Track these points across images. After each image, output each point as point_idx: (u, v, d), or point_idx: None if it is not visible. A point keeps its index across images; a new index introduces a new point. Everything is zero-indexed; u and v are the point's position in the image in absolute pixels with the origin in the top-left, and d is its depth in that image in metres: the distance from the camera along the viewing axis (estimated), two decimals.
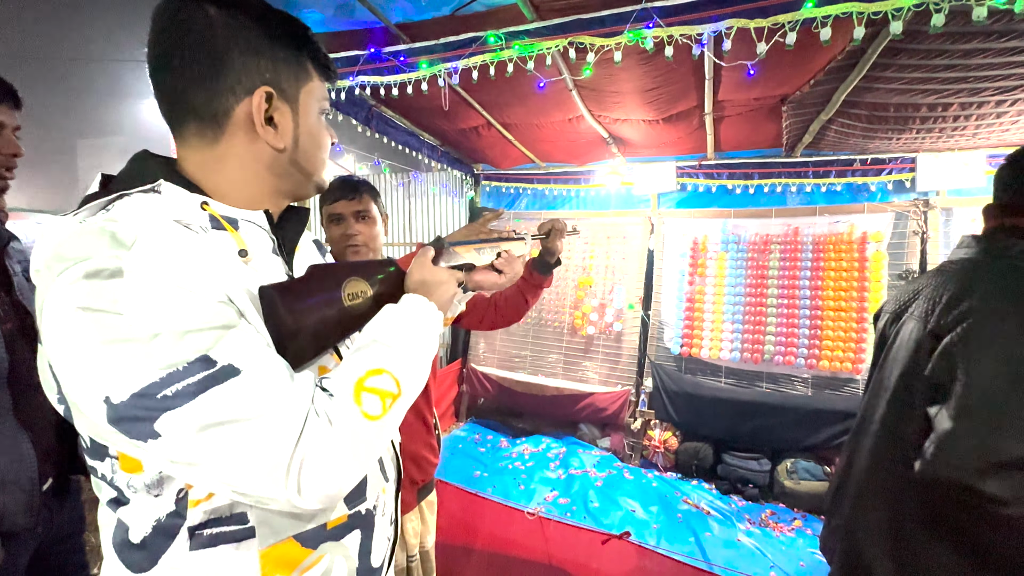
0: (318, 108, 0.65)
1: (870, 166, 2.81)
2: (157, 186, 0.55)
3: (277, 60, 0.59)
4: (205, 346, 0.47)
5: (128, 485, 0.53)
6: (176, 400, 0.45)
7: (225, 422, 0.46)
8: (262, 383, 0.48)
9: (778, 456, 2.82)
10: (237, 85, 0.56)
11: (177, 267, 0.48)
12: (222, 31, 0.55)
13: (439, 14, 1.75)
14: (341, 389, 0.54)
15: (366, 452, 0.54)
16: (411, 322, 0.65)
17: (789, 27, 1.30)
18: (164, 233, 0.50)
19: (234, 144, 0.59)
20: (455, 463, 3.08)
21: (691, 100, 2.23)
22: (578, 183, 3.66)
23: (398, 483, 0.76)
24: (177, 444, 0.46)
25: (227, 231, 0.57)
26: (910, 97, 1.98)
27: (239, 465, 0.47)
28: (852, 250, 2.79)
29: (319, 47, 0.64)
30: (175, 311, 0.46)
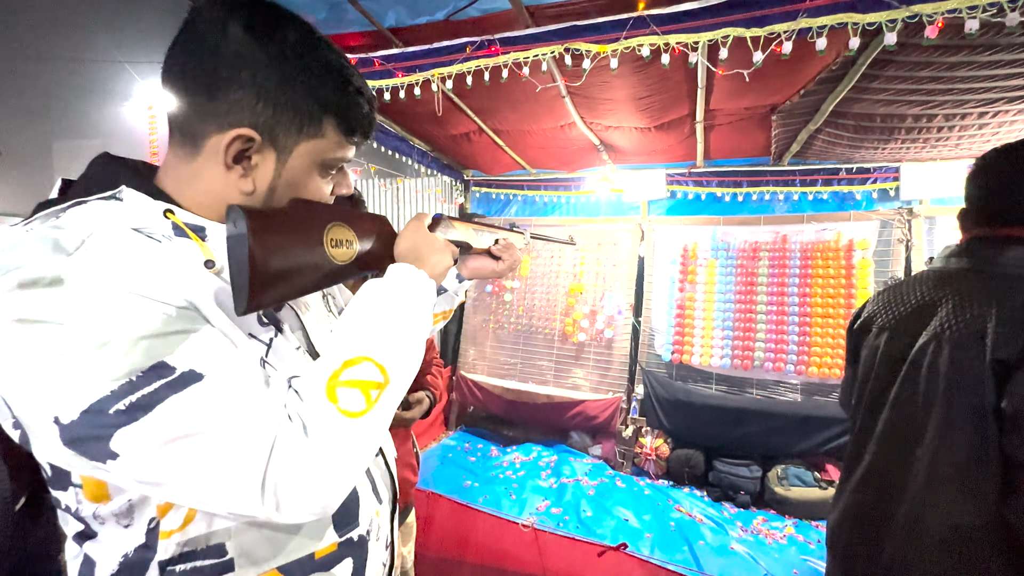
0: (318, 164, 0.58)
1: (855, 175, 2.86)
2: (118, 193, 0.51)
3: (282, 107, 0.53)
4: (161, 352, 0.42)
5: (95, 516, 0.48)
6: (131, 414, 0.41)
7: (187, 435, 0.42)
8: (228, 388, 0.44)
9: (769, 462, 2.83)
10: (223, 116, 0.52)
11: (127, 272, 0.44)
12: (231, 57, 0.51)
13: (433, 19, 1.73)
14: (312, 387, 0.49)
15: (353, 455, 0.49)
16: (398, 296, 0.58)
17: (785, 36, 1.31)
18: (114, 239, 0.46)
19: (208, 168, 0.54)
20: (445, 473, 3.02)
21: (683, 108, 2.24)
22: (568, 189, 3.66)
23: (393, 503, 0.71)
24: (138, 463, 0.42)
25: (192, 240, 0.52)
26: (896, 108, 2.01)
27: (209, 483, 0.43)
28: (839, 257, 2.83)
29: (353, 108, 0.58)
30: (125, 317, 0.42)
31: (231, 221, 0.50)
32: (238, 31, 0.51)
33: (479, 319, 3.83)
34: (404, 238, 0.67)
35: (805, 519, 2.59)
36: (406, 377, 0.56)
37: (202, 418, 0.42)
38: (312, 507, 0.46)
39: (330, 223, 0.59)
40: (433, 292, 0.64)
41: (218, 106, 0.52)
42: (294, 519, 0.46)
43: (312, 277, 0.57)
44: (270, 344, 0.56)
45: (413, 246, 0.66)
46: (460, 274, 0.89)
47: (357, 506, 0.62)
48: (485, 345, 3.79)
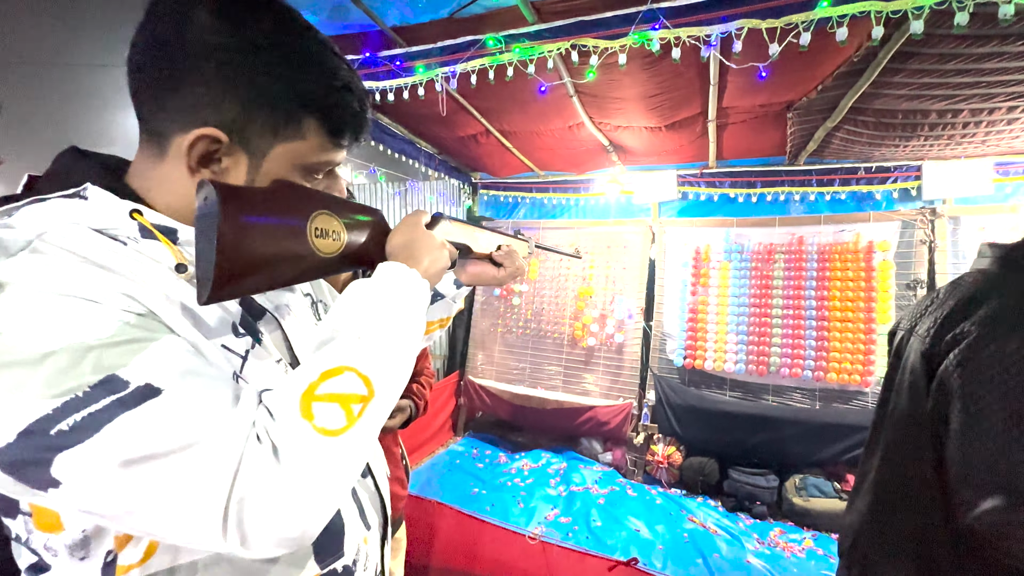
0: (299, 168, 0.53)
1: (875, 174, 2.77)
2: (83, 190, 0.46)
3: (254, 105, 0.48)
4: (114, 364, 0.38)
5: (46, 547, 0.44)
6: (75, 435, 0.36)
7: (140, 459, 0.37)
8: (188, 405, 0.39)
9: (786, 472, 2.74)
10: (187, 114, 0.47)
11: (78, 275, 0.39)
12: (195, 47, 0.46)
13: (436, 17, 1.70)
14: (283, 403, 0.43)
15: (332, 479, 0.43)
16: (388, 297, 0.53)
17: (803, 27, 1.24)
18: (68, 240, 0.41)
19: (176, 170, 0.49)
20: (453, 479, 2.98)
21: (695, 107, 2.18)
22: (577, 192, 3.60)
23: (384, 528, 0.66)
24: (83, 492, 0.37)
25: (160, 242, 0.48)
26: (919, 103, 1.93)
27: (164, 513, 0.38)
28: (858, 259, 2.73)
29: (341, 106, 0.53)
30: (72, 324, 0.37)
31: (201, 196, 0.45)
32: (203, 17, 0.46)
33: (487, 323, 3.78)
34: (398, 234, 0.61)
35: (825, 532, 2.49)
36: (394, 389, 0.51)
37: (157, 439, 0.37)
38: (283, 540, 0.41)
39: (316, 211, 0.53)
40: (427, 294, 0.58)
41: (183, 102, 0.47)
42: (263, 554, 0.41)
43: (290, 269, 0.51)
44: (245, 356, 0.51)
45: (407, 243, 0.60)
46: (459, 279, 0.84)
47: (342, 534, 0.57)
48: (493, 350, 3.74)
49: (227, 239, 0.44)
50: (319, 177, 0.58)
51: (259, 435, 0.41)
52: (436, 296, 0.83)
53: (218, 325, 0.50)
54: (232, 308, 0.53)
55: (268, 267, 0.49)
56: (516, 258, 0.83)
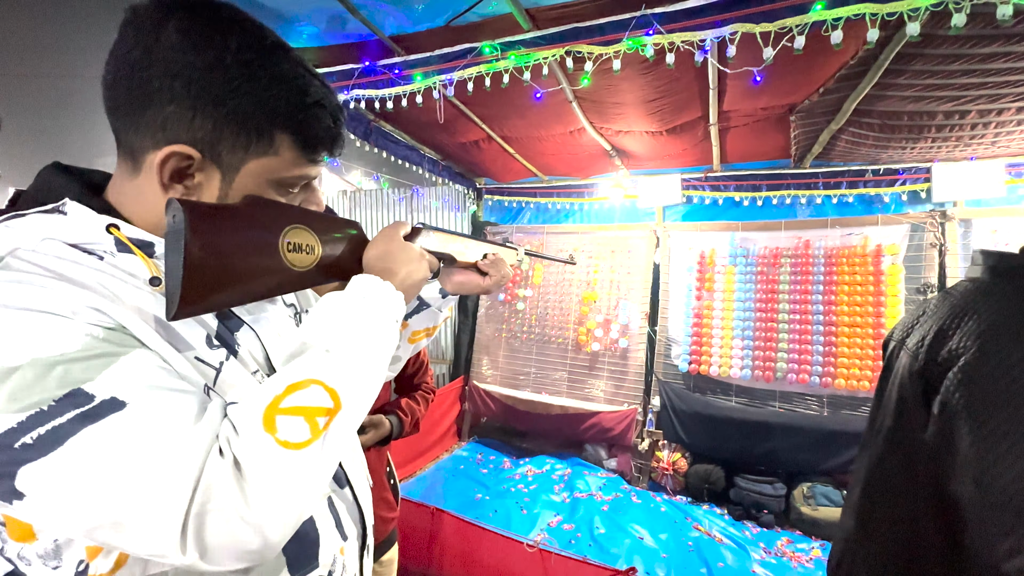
0: (272, 183, 0.54)
1: (883, 176, 2.72)
2: (61, 206, 0.47)
3: (225, 122, 0.49)
4: (79, 378, 0.38)
5: (20, 556, 0.44)
6: (38, 449, 0.36)
7: (101, 472, 0.37)
8: (151, 419, 0.39)
9: (794, 480, 2.69)
10: (159, 131, 0.47)
11: (45, 291, 0.40)
12: (161, 65, 0.46)
13: (433, 25, 1.71)
14: (247, 416, 0.43)
15: (294, 493, 0.43)
16: (358, 309, 0.52)
17: (797, 31, 1.23)
18: (39, 256, 0.42)
19: (149, 185, 0.50)
20: (456, 485, 2.97)
21: (695, 111, 2.16)
22: (581, 196, 3.60)
23: (363, 539, 0.65)
24: (47, 504, 0.37)
25: (136, 256, 0.48)
26: (925, 104, 1.90)
27: (126, 526, 0.38)
28: (866, 263, 2.68)
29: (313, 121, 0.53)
30: (40, 339, 0.38)
31: (170, 215, 0.45)
32: (172, 36, 0.47)
33: (492, 328, 3.78)
34: (374, 246, 0.62)
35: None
36: (363, 401, 0.51)
37: (118, 453, 0.38)
38: (243, 553, 0.41)
39: (289, 225, 0.54)
40: (401, 306, 0.58)
41: (154, 119, 0.48)
42: (223, 566, 0.41)
43: (262, 283, 0.52)
44: (219, 368, 0.51)
45: (382, 254, 0.60)
46: (444, 289, 0.84)
47: (317, 545, 0.57)
48: (498, 355, 3.73)
49: (194, 256, 0.44)
50: (294, 191, 0.58)
51: (221, 448, 0.42)
52: (422, 305, 0.83)
53: (192, 338, 0.50)
54: (208, 320, 0.54)
55: (238, 282, 0.49)
56: (502, 267, 0.82)
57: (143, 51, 0.47)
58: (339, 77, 1.94)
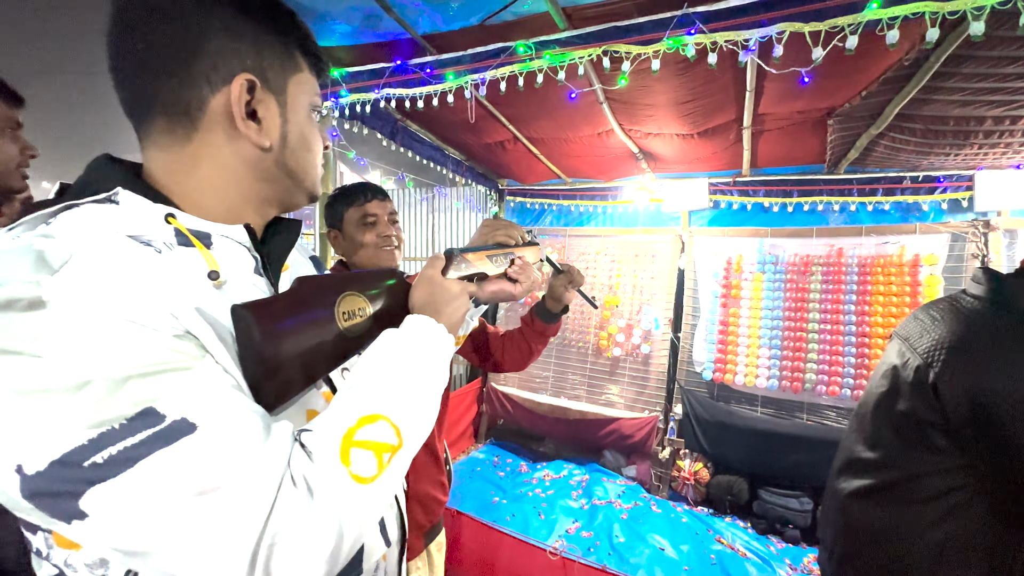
0: (309, 104, 0.56)
1: (921, 184, 2.63)
2: (114, 195, 0.46)
3: (260, 44, 0.50)
4: (151, 396, 0.36)
5: (66, 564, 0.43)
6: (108, 469, 0.35)
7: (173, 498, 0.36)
8: (225, 442, 0.38)
9: (821, 495, 2.59)
10: (212, 72, 0.48)
11: (118, 293, 0.38)
12: (193, 9, 0.47)
13: (467, 24, 1.70)
14: (324, 446, 0.43)
15: (357, 525, 0.43)
16: (415, 351, 0.53)
17: (850, 30, 1.18)
18: (108, 252, 0.40)
19: (210, 142, 0.49)
20: (473, 487, 2.95)
21: (729, 113, 2.11)
22: (605, 199, 3.56)
23: (402, 544, 0.65)
24: (109, 527, 0.35)
25: (196, 248, 0.48)
26: (973, 109, 1.82)
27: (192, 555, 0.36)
28: (903, 273, 2.59)
29: (309, 34, 0.56)
30: (113, 351, 0.36)
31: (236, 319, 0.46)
32: None
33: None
34: (419, 289, 0.63)
35: None
36: (418, 440, 0.51)
37: (192, 478, 0.36)
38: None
39: (340, 296, 0.55)
40: (451, 346, 0.59)
41: (203, 64, 0.48)
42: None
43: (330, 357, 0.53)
44: None
45: (429, 297, 0.61)
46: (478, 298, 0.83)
47: (362, 552, 0.56)
48: None
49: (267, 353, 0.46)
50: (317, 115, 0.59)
51: (294, 476, 0.40)
52: None
53: None
54: None
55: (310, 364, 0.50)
56: (530, 271, 0.83)
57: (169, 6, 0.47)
58: (370, 76, 1.94)
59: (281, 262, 0.58)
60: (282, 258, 0.58)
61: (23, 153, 1.02)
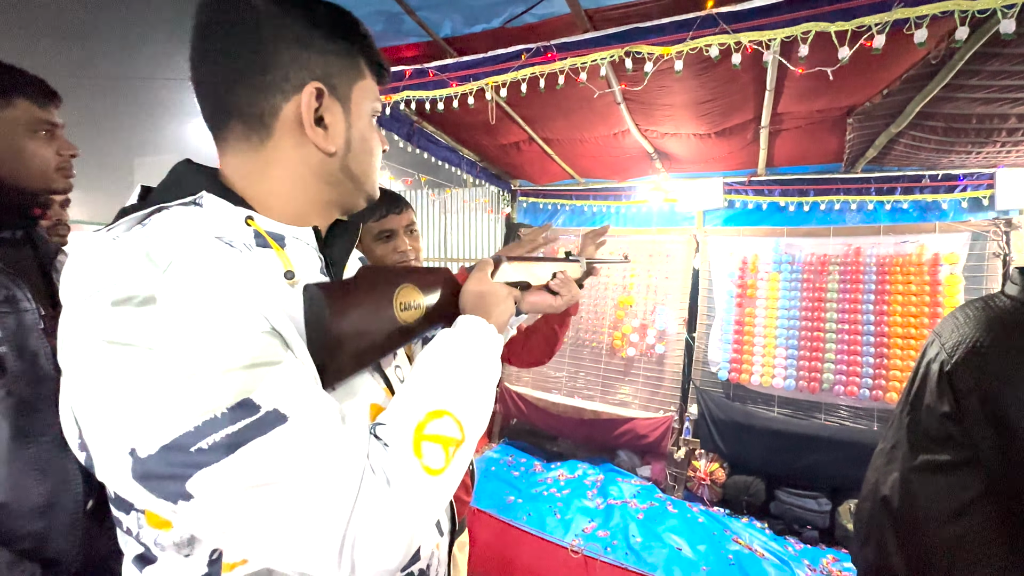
0: (370, 109, 0.58)
1: (941, 182, 2.60)
2: (199, 198, 0.49)
3: (327, 54, 0.53)
4: (247, 388, 0.39)
5: (156, 542, 0.46)
6: (212, 454, 0.38)
7: (269, 483, 0.38)
8: (312, 433, 0.41)
9: (839, 496, 2.59)
10: (285, 81, 0.51)
11: (217, 292, 0.41)
12: (267, 20, 0.50)
13: (489, 27, 1.71)
14: (399, 439, 0.46)
15: (429, 514, 0.45)
16: (471, 350, 0.57)
17: (877, 29, 1.18)
18: (204, 252, 0.43)
19: (281, 148, 0.52)
20: (488, 487, 2.96)
21: (747, 112, 2.11)
22: (618, 199, 3.56)
23: (452, 536, 0.68)
24: (212, 508, 0.38)
25: (273, 249, 0.51)
26: (997, 107, 1.80)
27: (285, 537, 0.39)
28: (922, 273, 2.57)
29: (372, 42, 0.58)
30: (215, 345, 0.39)
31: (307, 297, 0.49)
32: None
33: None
34: (470, 291, 0.66)
35: None
36: (477, 433, 0.54)
37: (286, 465, 0.39)
38: (385, 567, 0.42)
39: (398, 287, 0.59)
40: (500, 344, 0.62)
41: (276, 73, 0.50)
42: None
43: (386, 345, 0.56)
44: None
45: (479, 297, 0.65)
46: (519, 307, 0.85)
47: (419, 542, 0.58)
48: None
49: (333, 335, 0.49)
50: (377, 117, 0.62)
51: (373, 466, 0.43)
52: None
53: None
54: None
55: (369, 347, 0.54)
56: (572, 286, 0.85)
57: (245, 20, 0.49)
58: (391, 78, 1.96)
59: (343, 262, 0.61)
60: (344, 259, 0.61)
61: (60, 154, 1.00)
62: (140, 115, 2.69)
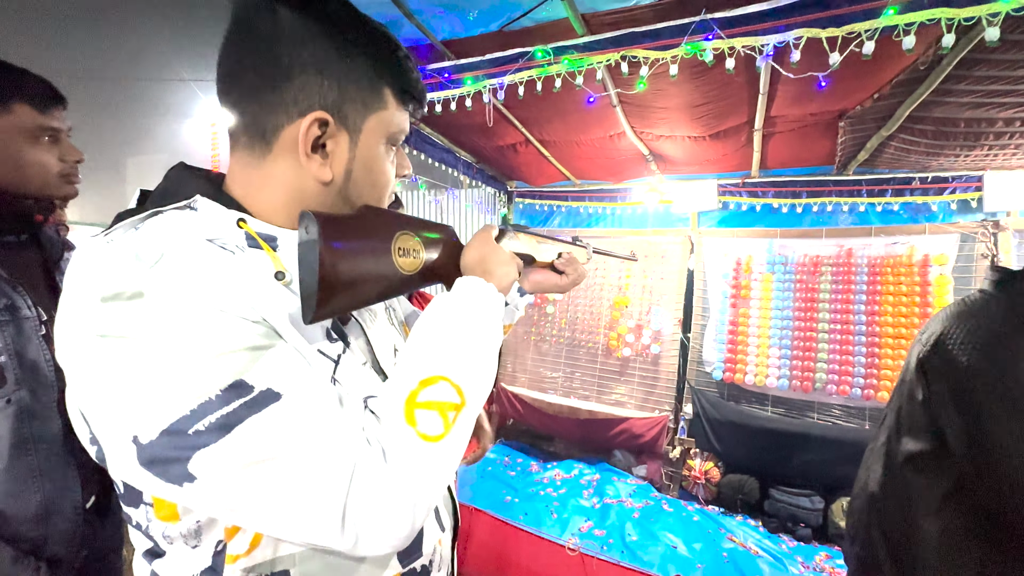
0: (385, 139, 0.57)
1: (930, 184, 2.65)
2: (193, 202, 0.50)
3: (346, 82, 0.52)
4: (239, 369, 0.40)
5: (164, 535, 0.47)
6: (210, 435, 0.39)
7: (267, 458, 0.40)
8: (307, 409, 0.42)
9: (832, 494, 2.62)
10: (293, 104, 0.51)
11: (203, 285, 0.42)
12: (287, 40, 0.49)
13: (486, 30, 1.73)
14: (389, 410, 0.46)
15: (432, 482, 0.46)
16: (470, 311, 0.55)
17: (867, 36, 1.21)
18: (191, 251, 0.45)
19: (279, 167, 0.53)
20: (485, 487, 2.98)
21: (741, 116, 2.14)
22: (614, 200, 3.58)
23: (455, 531, 0.68)
24: (214, 487, 0.40)
25: (264, 250, 0.51)
26: (985, 111, 1.84)
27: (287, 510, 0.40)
28: (912, 273, 2.61)
29: (406, 72, 0.56)
30: (204, 332, 0.40)
31: (303, 227, 0.49)
32: (288, 12, 0.50)
33: (520, 330, 3.79)
34: (472, 249, 0.64)
35: None
36: (481, 397, 0.53)
37: (282, 440, 0.40)
38: (390, 540, 0.44)
39: (398, 231, 0.57)
40: (502, 305, 0.61)
41: (285, 95, 0.50)
42: (371, 552, 0.43)
43: (379, 287, 0.55)
44: (338, 360, 0.54)
45: (481, 258, 0.63)
46: (522, 287, 0.85)
47: (421, 535, 0.59)
48: (526, 357, 3.74)
49: (327, 264, 0.48)
50: (394, 149, 0.61)
51: (368, 439, 0.44)
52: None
53: (314, 331, 0.53)
54: None
55: (361, 287, 0.52)
56: (577, 265, 0.84)
57: (267, 32, 0.49)
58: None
59: None
60: None
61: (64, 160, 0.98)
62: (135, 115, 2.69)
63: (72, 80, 2.53)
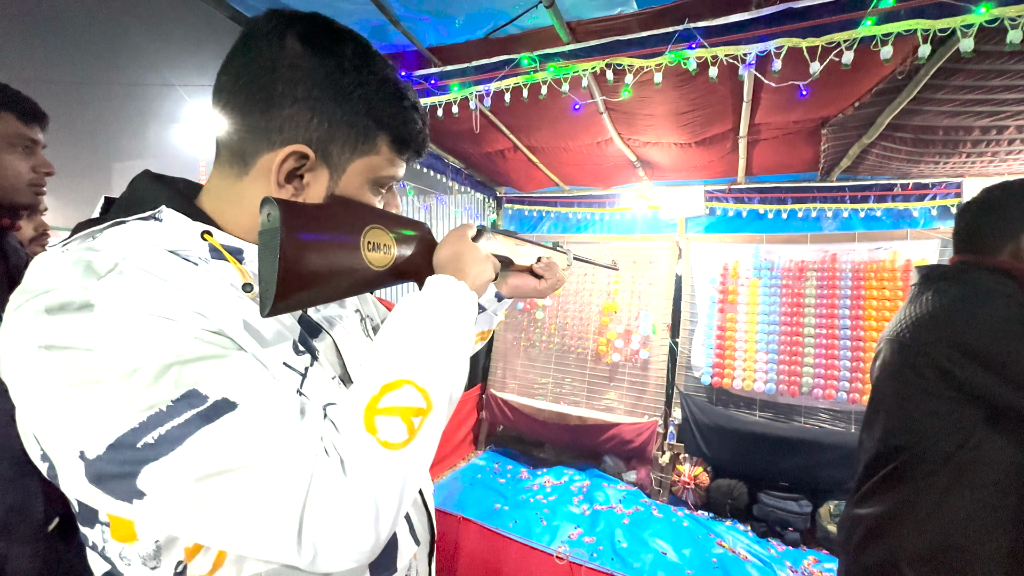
0: (370, 182, 0.56)
1: (912, 191, 2.70)
2: (158, 213, 0.48)
3: (336, 123, 0.51)
4: (193, 379, 0.39)
5: (121, 556, 0.45)
6: (159, 448, 0.37)
7: (221, 471, 0.38)
8: (264, 418, 0.40)
9: (820, 497, 2.64)
10: (276, 132, 0.50)
11: (157, 295, 0.41)
12: (287, 70, 0.49)
13: (472, 37, 1.73)
14: (348, 418, 0.44)
15: (395, 492, 0.44)
16: (439, 309, 0.53)
17: (846, 46, 1.23)
18: (148, 262, 0.43)
19: (254, 189, 0.52)
20: (475, 494, 2.95)
21: (726, 123, 2.16)
22: (603, 206, 3.60)
23: (431, 545, 0.66)
24: (166, 503, 0.38)
25: (229, 263, 0.50)
26: (962, 120, 1.88)
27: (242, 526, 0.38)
28: (895, 278, 2.65)
29: (408, 123, 0.55)
30: (155, 342, 0.39)
31: (264, 213, 0.47)
32: (296, 44, 0.49)
33: (510, 336, 3.78)
34: (445, 246, 0.63)
35: None
36: (450, 401, 0.51)
37: (236, 452, 0.39)
38: (352, 555, 0.42)
39: (369, 225, 0.55)
40: (475, 305, 0.59)
41: (271, 123, 0.50)
42: (333, 568, 0.41)
43: (345, 281, 0.53)
44: (305, 373, 0.52)
45: (454, 255, 0.62)
46: (500, 292, 0.84)
47: (395, 550, 0.57)
48: (516, 363, 3.72)
49: (288, 253, 0.45)
50: (383, 192, 0.60)
51: (326, 449, 0.42)
52: (479, 309, 0.84)
53: (279, 344, 0.51)
54: (291, 326, 0.55)
55: (325, 280, 0.50)
56: (556, 270, 0.83)
57: (268, 58, 0.49)
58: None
59: None
60: None
61: (36, 171, 1.01)
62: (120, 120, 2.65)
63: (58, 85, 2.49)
